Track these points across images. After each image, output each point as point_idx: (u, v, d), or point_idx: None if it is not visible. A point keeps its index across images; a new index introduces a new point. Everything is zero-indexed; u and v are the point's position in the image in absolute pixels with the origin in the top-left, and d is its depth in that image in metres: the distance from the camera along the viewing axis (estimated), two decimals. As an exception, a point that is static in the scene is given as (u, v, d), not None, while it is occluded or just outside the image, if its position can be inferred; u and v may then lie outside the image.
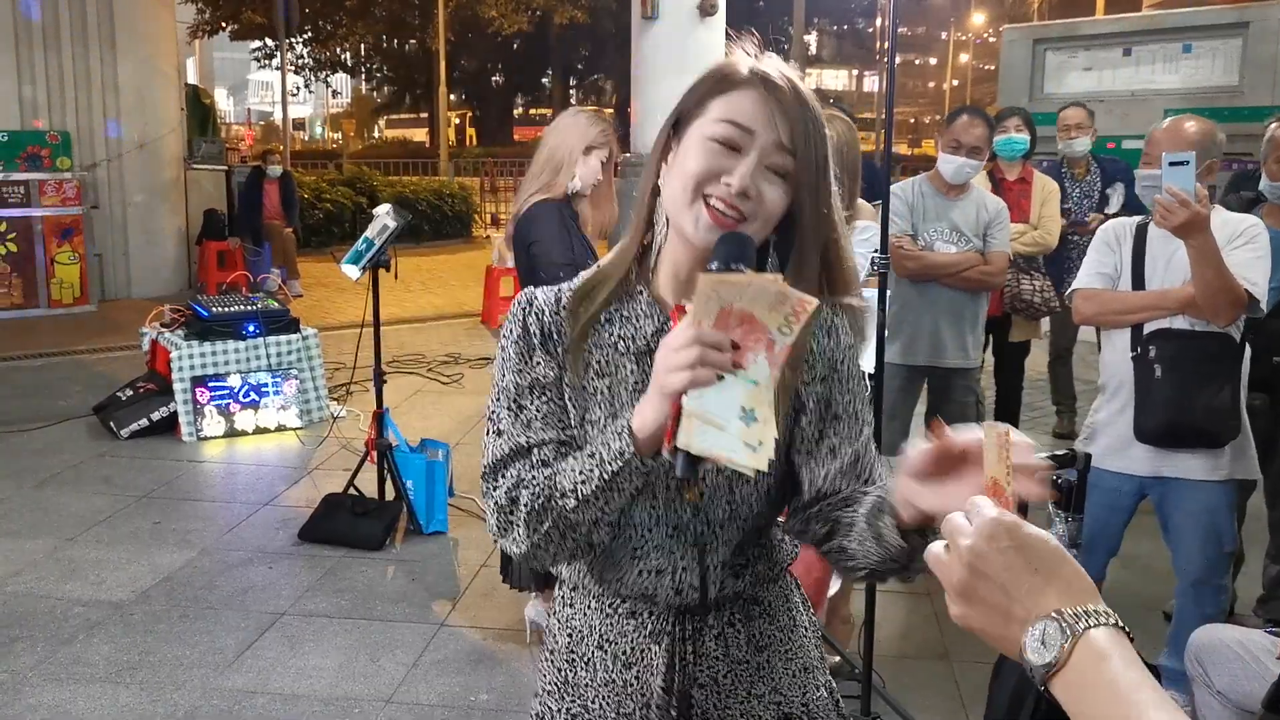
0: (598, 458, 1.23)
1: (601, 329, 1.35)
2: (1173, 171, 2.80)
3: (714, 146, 1.26)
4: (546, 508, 1.26)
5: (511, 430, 1.33)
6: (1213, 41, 8.12)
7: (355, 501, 4.66)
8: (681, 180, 1.27)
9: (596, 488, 1.23)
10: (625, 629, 1.39)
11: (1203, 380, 2.96)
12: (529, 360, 1.35)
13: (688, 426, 1.10)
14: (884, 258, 3.01)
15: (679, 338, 1.11)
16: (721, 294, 1.10)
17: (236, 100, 67.46)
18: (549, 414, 1.34)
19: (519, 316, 1.37)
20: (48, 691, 3.35)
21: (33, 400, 6.78)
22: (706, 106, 1.29)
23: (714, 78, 1.31)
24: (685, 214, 1.27)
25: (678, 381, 1.11)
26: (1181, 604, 3.20)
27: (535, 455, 1.31)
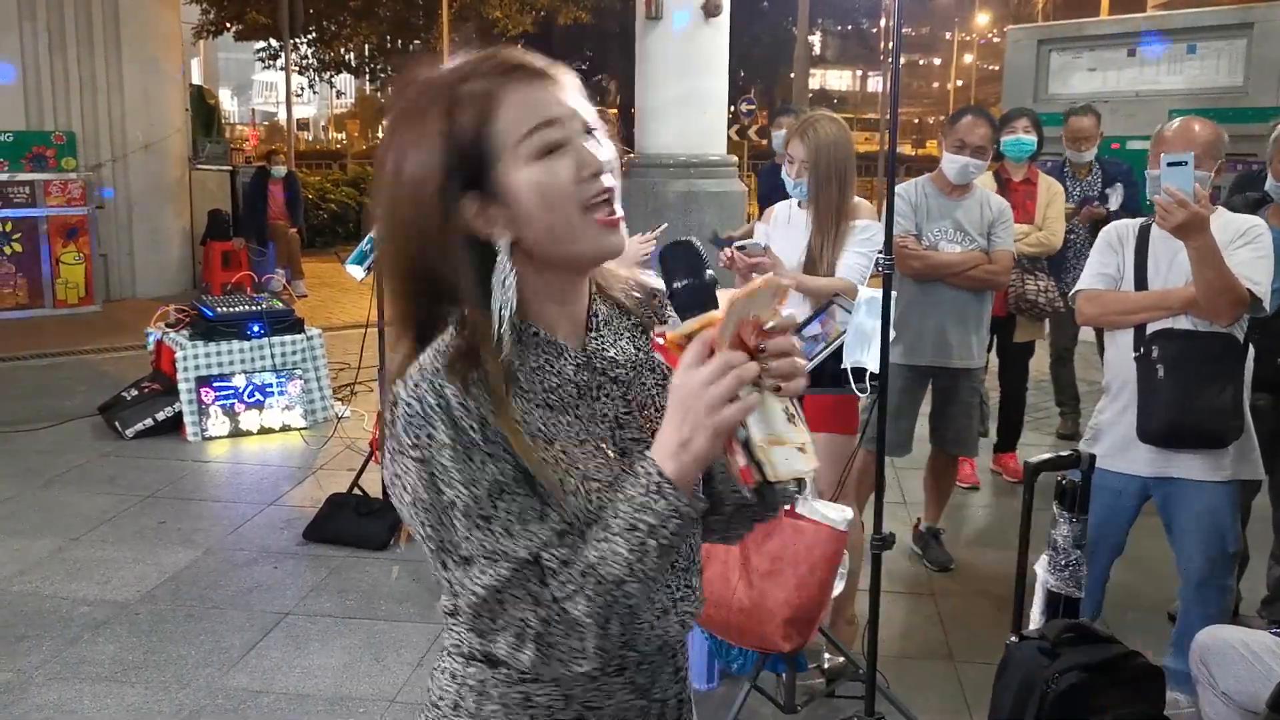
0: (644, 528, 1.07)
1: (521, 394, 1.16)
2: (1171, 172, 2.80)
3: (546, 161, 1.13)
4: (610, 604, 1.09)
5: (494, 548, 1.09)
6: (1217, 42, 8.11)
7: (359, 501, 4.67)
8: (553, 212, 1.13)
9: (656, 558, 1.08)
10: (612, 690, 1.23)
11: (1205, 380, 2.96)
12: (472, 462, 1.10)
13: (768, 458, 1.05)
14: (888, 258, 3.01)
15: (707, 371, 1.03)
16: (739, 310, 1.05)
17: (241, 101, 67.50)
18: (523, 511, 1.11)
19: (437, 416, 1.10)
20: (53, 690, 3.36)
21: (38, 400, 6.80)
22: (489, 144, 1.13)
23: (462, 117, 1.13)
24: (576, 238, 1.14)
25: (733, 416, 1.03)
26: (1186, 605, 3.20)
27: (545, 560, 1.10)
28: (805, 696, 3.26)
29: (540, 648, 1.10)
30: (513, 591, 1.09)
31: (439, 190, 1.13)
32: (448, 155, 1.12)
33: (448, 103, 1.13)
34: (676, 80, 7.67)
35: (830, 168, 3.42)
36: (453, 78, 1.15)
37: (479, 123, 1.13)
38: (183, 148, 11.59)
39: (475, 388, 1.12)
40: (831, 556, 3.16)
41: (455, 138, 1.12)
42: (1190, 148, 2.94)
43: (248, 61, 45.58)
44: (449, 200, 1.13)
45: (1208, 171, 3.01)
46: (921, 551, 4.47)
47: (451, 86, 1.14)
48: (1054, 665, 2.45)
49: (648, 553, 1.07)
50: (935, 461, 4.50)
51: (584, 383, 1.21)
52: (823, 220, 3.47)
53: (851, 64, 55.29)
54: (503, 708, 1.21)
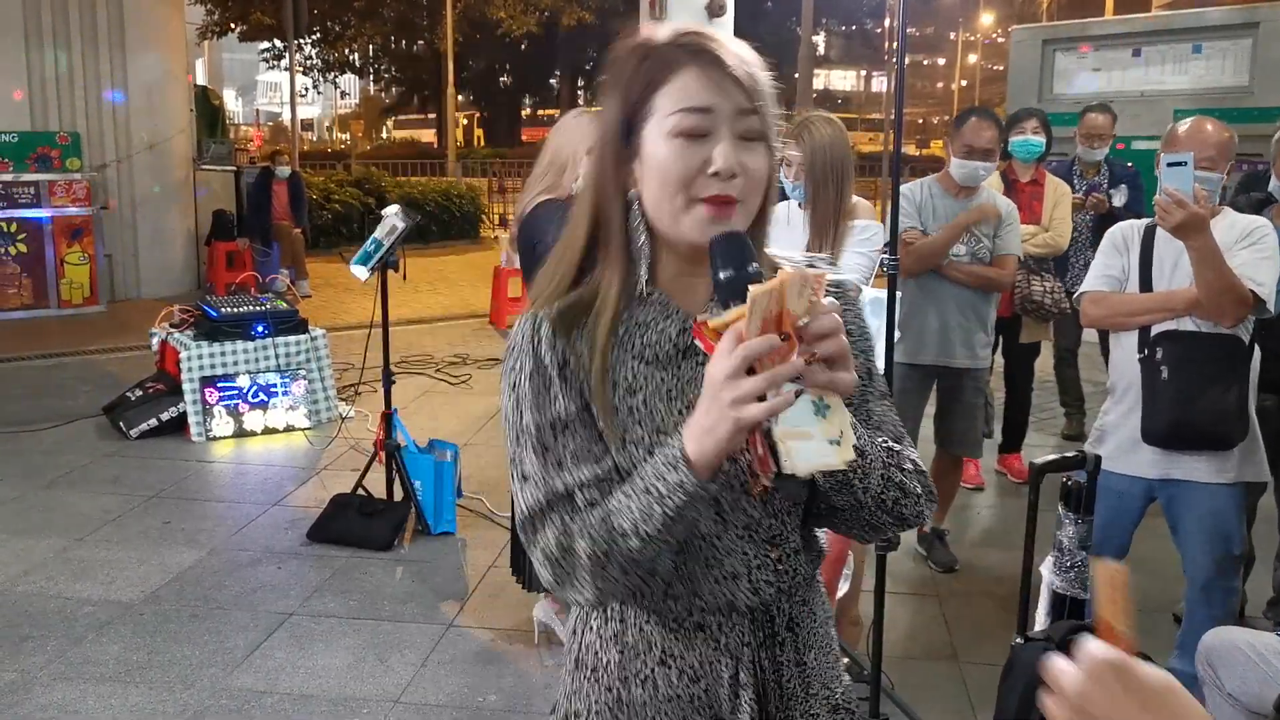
0: (655, 493, 1.15)
1: (620, 343, 1.27)
2: (1170, 172, 2.80)
3: (680, 141, 1.20)
4: (610, 553, 1.18)
5: (543, 474, 1.23)
6: (1222, 42, 8.09)
7: (363, 502, 4.67)
8: (664, 189, 1.21)
9: (660, 525, 1.16)
10: (693, 641, 1.30)
11: (1209, 381, 2.95)
12: (547, 394, 1.25)
13: (787, 450, 1.06)
14: (893, 259, 3.00)
15: (732, 363, 1.05)
16: (764, 304, 1.05)
17: (245, 101, 67.62)
18: (578, 449, 1.24)
19: (527, 348, 1.26)
20: (58, 691, 3.36)
21: (42, 400, 6.81)
22: (651, 105, 1.22)
23: (644, 68, 1.23)
24: (682, 220, 1.21)
25: (755, 414, 1.05)
26: (1191, 606, 3.19)
27: (579, 498, 1.22)
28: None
29: (553, 570, 1.22)
30: (548, 516, 1.22)
31: (613, 136, 1.26)
32: (622, 105, 1.24)
33: (641, 56, 1.24)
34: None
35: (827, 169, 3.42)
36: (652, 43, 1.25)
37: (651, 85, 1.22)
38: (187, 148, 11.60)
39: (578, 330, 1.26)
40: (836, 558, 3.16)
41: (629, 94, 1.24)
42: (1203, 149, 2.94)
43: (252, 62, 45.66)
44: (618, 147, 1.25)
45: (1221, 173, 3.01)
46: (926, 552, 4.47)
47: (647, 49, 1.24)
48: (1059, 667, 2.44)
49: (653, 516, 1.15)
50: (940, 462, 4.49)
51: (686, 345, 1.27)
52: (821, 222, 3.47)
53: (855, 64, 55.32)
54: (599, 639, 1.35)
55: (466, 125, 43.29)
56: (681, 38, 1.23)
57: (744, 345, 1.05)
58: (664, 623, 1.30)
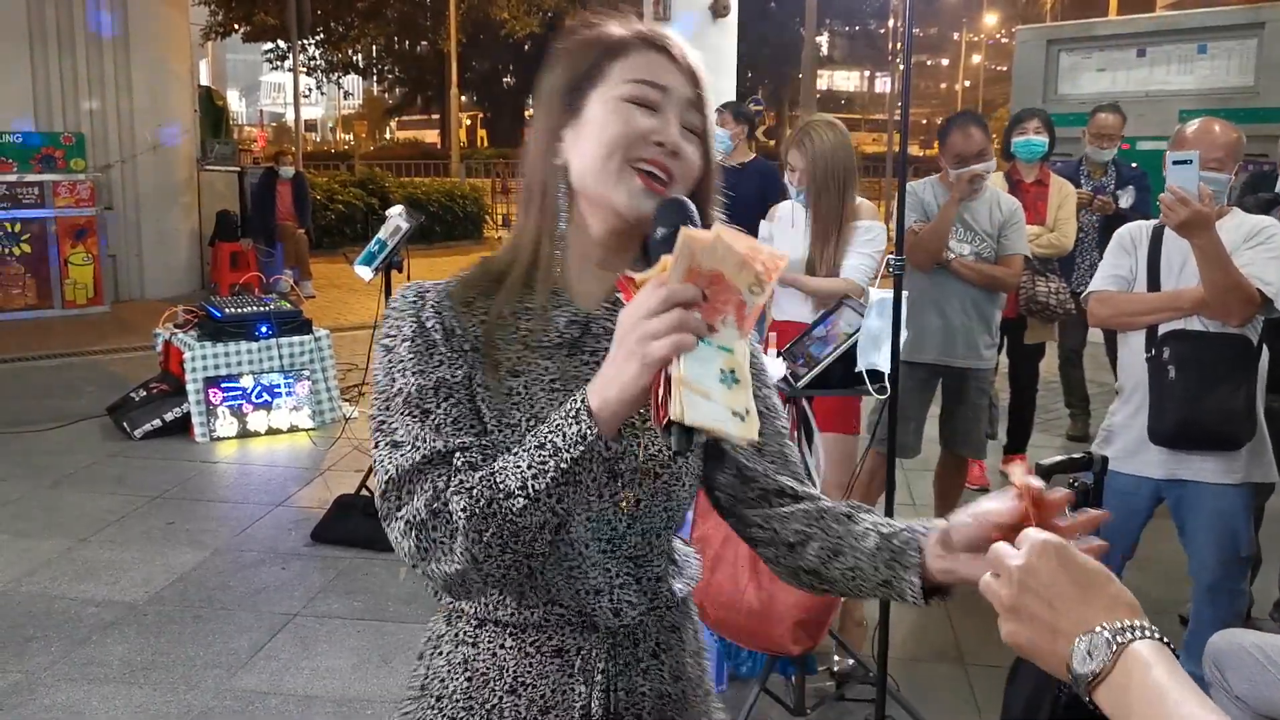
0: (550, 447, 1.07)
1: (506, 324, 1.22)
2: (1176, 170, 2.80)
3: (629, 108, 1.18)
4: (489, 513, 1.08)
5: (419, 437, 1.14)
6: (1228, 42, 8.08)
7: (367, 502, 4.66)
8: (601, 150, 1.18)
9: (552, 481, 1.06)
10: (547, 669, 1.23)
11: (1216, 381, 2.94)
12: (429, 358, 1.18)
13: (680, 397, 0.99)
14: (899, 260, 2.99)
15: (651, 301, 1.00)
16: (693, 251, 1.00)
17: (249, 102, 67.67)
18: (459, 417, 1.17)
19: (410, 312, 1.21)
20: (62, 691, 3.36)
21: (46, 401, 6.81)
22: (604, 72, 1.21)
23: (601, 44, 1.23)
24: (613, 184, 1.18)
25: (661, 349, 0.98)
26: (1198, 608, 3.18)
27: (458, 459, 1.13)
28: (815, 699, 3.25)
29: (419, 538, 1.11)
30: (420, 479, 1.12)
31: (556, 96, 1.23)
32: (569, 71, 1.23)
33: (595, 37, 1.24)
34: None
35: (828, 175, 3.45)
36: (610, 28, 1.24)
37: (605, 55, 1.22)
38: (191, 149, 11.61)
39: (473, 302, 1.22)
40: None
41: (582, 59, 1.23)
42: (1211, 150, 2.93)
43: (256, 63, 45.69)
44: (560, 107, 1.23)
45: (1229, 174, 3.00)
46: (931, 554, 4.45)
47: (603, 32, 1.24)
48: (1066, 669, 2.43)
49: (545, 471, 1.07)
50: (944, 463, 4.48)
51: (571, 339, 1.23)
52: (823, 226, 3.49)
53: (859, 65, 55.28)
54: (447, 665, 1.28)
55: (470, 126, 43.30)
56: (638, 29, 1.24)
57: (673, 288, 1.00)
58: (520, 646, 1.23)
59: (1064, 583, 0.91)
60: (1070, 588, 0.91)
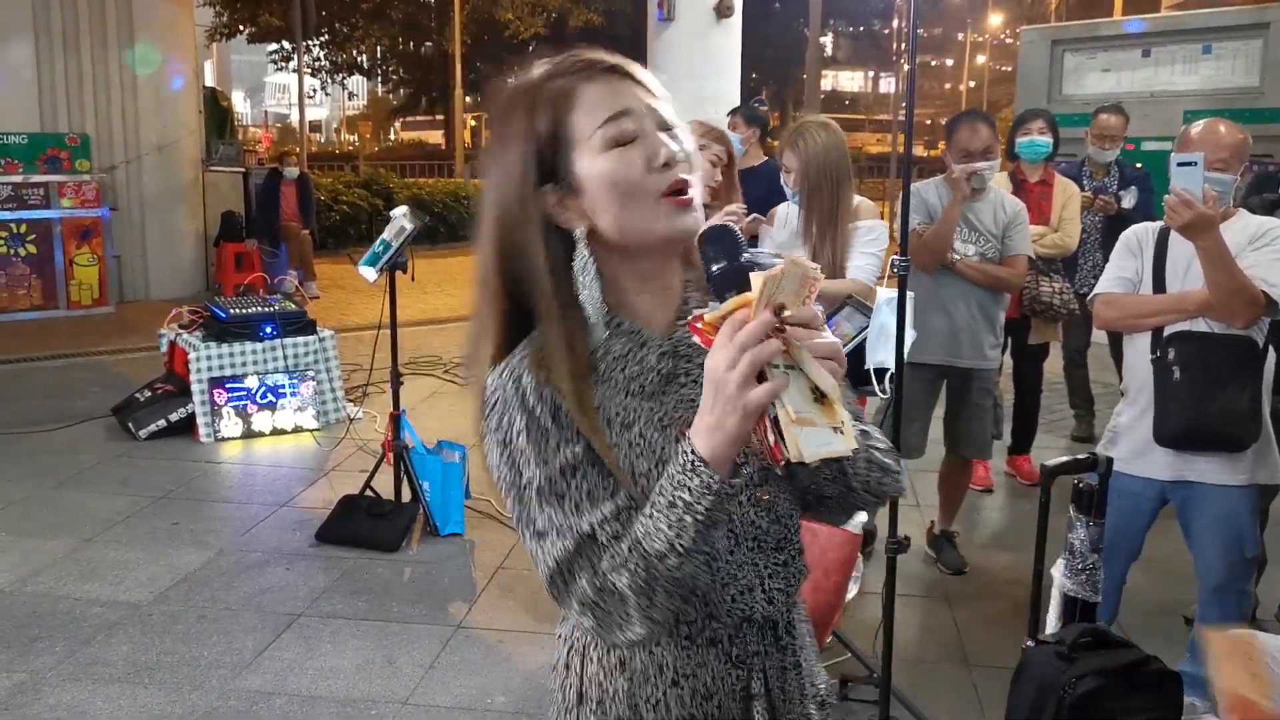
0: (682, 504, 1.11)
1: (602, 381, 1.24)
2: (1180, 172, 2.80)
3: (616, 152, 1.19)
4: (652, 578, 1.14)
5: (563, 522, 1.18)
6: (1233, 42, 8.06)
7: (372, 503, 4.67)
8: (625, 199, 1.19)
9: (694, 534, 1.12)
10: (705, 659, 1.28)
11: (1221, 383, 2.93)
12: (547, 444, 1.20)
13: (794, 436, 1.05)
14: (904, 260, 2.99)
15: (730, 353, 1.05)
16: (766, 290, 1.05)
17: (254, 102, 67.76)
18: (593, 488, 1.20)
19: (514, 402, 1.21)
20: (66, 691, 3.36)
21: (51, 401, 6.82)
22: (566, 134, 1.20)
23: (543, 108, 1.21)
24: (649, 222, 1.20)
25: (760, 397, 1.04)
26: (1204, 609, 3.17)
27: (601, 535, 1.18)
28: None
29: (596, 615, 1.17)
30: (578, 563, 1.17)
31: (520, 183, 1.21)
32: (527, 152, 1.21)
33: (529, 103, 1.22)
34: (688, 82, 7.67)
35: (821, 175, 3.47)
36: (536, 80, 1.23)
37: (556, 118, 1.20)
38: (196, 150, 11.62)
39: (555, 376, 1.21)
40: (846, 560, 3.16)
41: (536, 135, 1.21)
42: (1216, 151, 2.93)
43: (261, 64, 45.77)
44: (529, 193, 1.21)
45: (1234, 175, 2.99)
46: (936, 555, 4.45)
47: (534, 89, 1.22)
48: (1071, 670, 2.44)
49: (685, 528, 1.12)
50: (949, 464, 4.47)
51: (667, 370, 1.26)
52: (818, 226, 3.50)
53: (863, 65, 55.24)
54: (601, 670, 1.30)
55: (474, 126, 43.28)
56: (557, 67, 1.23)
57: (741, 331, 1.04)
58: (676, 643, 1.28)
59: None
60: None
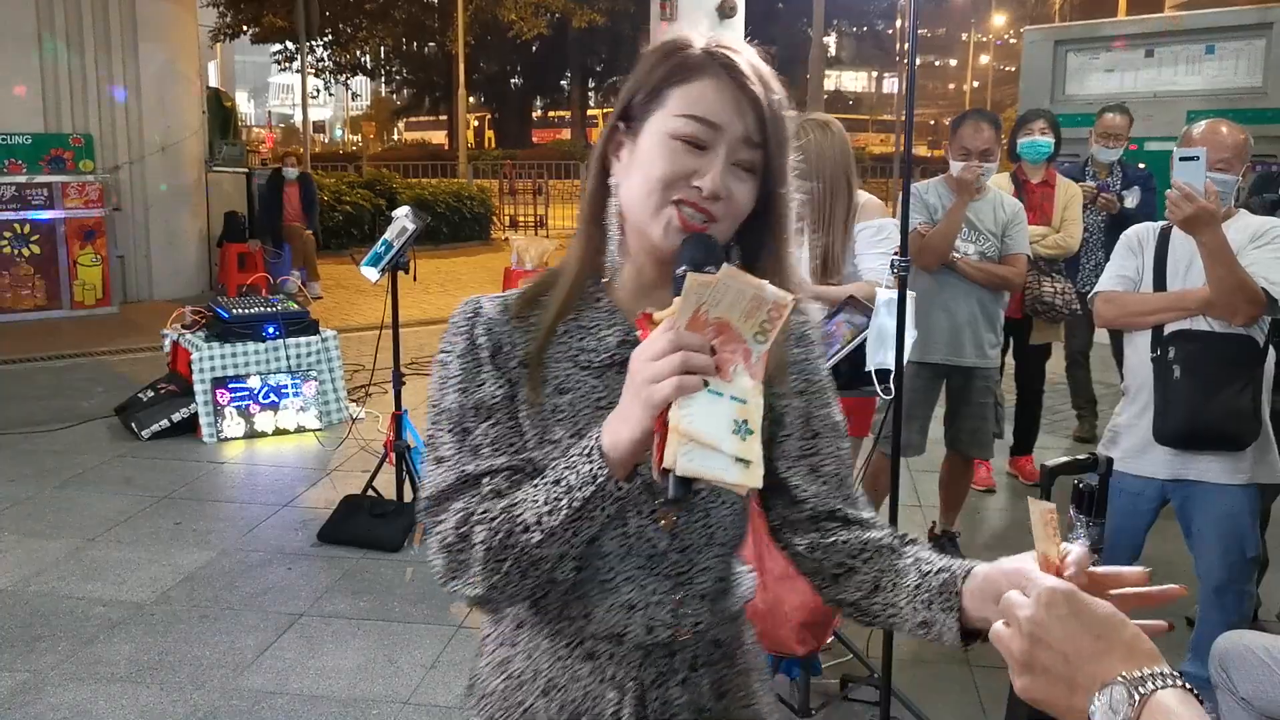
0: (564, 484, 1.09)
1: (558, 341, 1.23)
2: (1182, 167, 2.82)
3: (678, 145, 1.15)
4: (506, 544, 1.12)
5: (457, 457, 1.19)
6: (1236, 43, 8.05)
7: (374, 503, 4.67)
8: (645, 184, 1.16)
9: (565, 518, 1.09)
10: (579, 673, 1.24)
11: (1222, 381, 2.94)
12: (475, 377, 1.21)
13: (675, 447, 0.99)
14: (905, 260, 2.99)
15: (657, 344, 1.01)
16: (700, 295, 1.01)
17: (258, 103, 67.84)
18: (499, 437, 1.19)
19: (464, 328, 1.23)
20: (69, 691, 3.37)
21: (55, 401, 6.83)
22: (664, 97, 1.17)
23: (669, 62, 1.18)
24: (651, 221, 1.16)
25: (663, 392, 0.99)
26: (1204, 609, 3.17)
27: (485, 485, 1.17)
28: (820, 700, 3.24)
29: (446, 557, 1.17)
30: (453, 500, 1.18)
31: (617, 110, 1.23)
32: (636, 88, 1.21)
33: (665, 54, 1.20)
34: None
35: (817, 175, 3.42)
36: (685, 42, 1.21)
37: (670, 77, 1.18)
38: (199, 150, 11.64)
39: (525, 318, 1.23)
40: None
41: (649, 77, 1.20)
42: (1218, 151, 2.94)
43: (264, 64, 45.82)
44: (619, 125, 1.22)
45: (1236, 174, 3.00)
46: (937, 555, 4.44)
47: (679, 46, 1.20)
48: (1071, 670, 2.43)
49: (559, 509, 1.10)
50: (950, 464, 4.47)
51: (621, 358, 1.20)
52: (813, 225, 3.47)
53: (867, 65, 55.24)
54: (489, 666, 1.32)
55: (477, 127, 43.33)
56: (717, 46, 1.19)
57: (680, 334, 1.00)
58: (554, 649, 1.25)
59: (1077, 633, 0.85)
60: (1085, 638, 0.85)
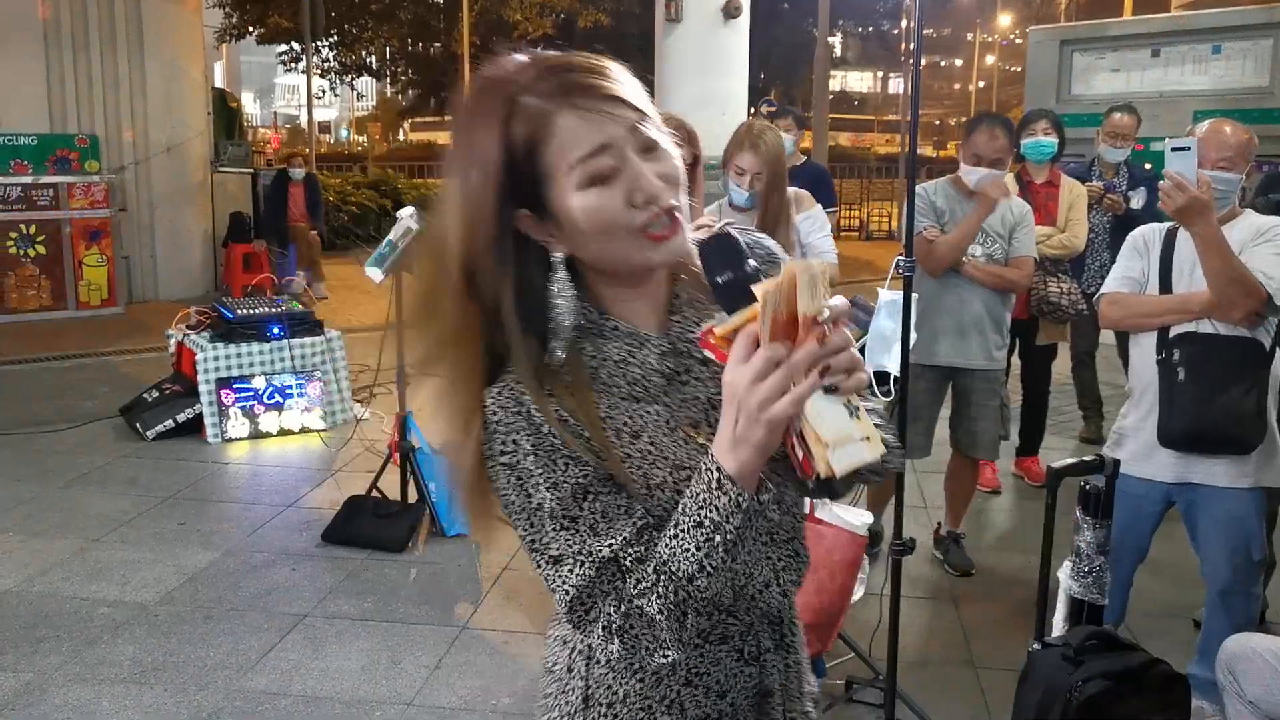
0: (710, 523, 1.08)
1: (601, 387, 1.19)
2: (1174, 157, 2.83)
3: (594, 190, 1.12)
4: (682, 600, 1.11)
5: (581, 547, 1.14)
6: (1242, 42, 8.03)
7: (378, 504, 4.67)
8: (605, 235, 1.14)
9: (724, 554, 1.09)
10: (718, 656, 1.25)
11: (1227, 384, 2.92)
12: (555, 466, 1.15)
13: (823, 453, 1.04)
14: (909, 260, 2.99)
15: (756, 366, 1.02)
16: (773, 301, 1.03)
17: (263, 104, 67.91)
18: (607, 509, 1.15)
19: (519, 424, 1.15)
20: (73, 692, 3.37)
21: (60, 401, 6.84)
22: (540, 168, 1.13)
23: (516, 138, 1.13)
24: (630, 253, 1.15)
25: (784, 410, 1.01)
26: (1211, 612, 3.16)
27: (625, 559, 1.13)
28: (825, 702, 3.23)
29: (624, 641, 1.14)
30: (600, 589, 1.13)
31: (494, 199, 1.14)
32: (502, 167, 1.13)
33: (505, 114, 1.13)
34: (696, 82, 7.66)
35: (777, 174, 3.60)
36: (514, 86, 1.14)
37: (531, 144, 1.13)
38: (205, 151, 11.65)
39: (558, 393, 1.16)
40: (851, 561, 3.14)
41: (511, 151, 1.13)
42: (1221, 150, 2.93)
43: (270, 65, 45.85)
44: (503, 211, 1.15)
45: (1239, 174, 2.99)
46: (942, 556, 4.44)
47: (512, 98, 1.14)
48: (1077, 673, 2.42)
49: (715, 548, 1.09)
50: (956, 465, 4.46)
51: (670, 370, 1.22)
52: (772, 224, 3.58)
53: (872, 65, 55.16)
54: (610, 671, 1.26)
55: (482, 127, 43.18)
56: (534, 80, 1.13)
57: (770, 349, 1.02)
58: None
59: None
60: None
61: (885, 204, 19.02)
